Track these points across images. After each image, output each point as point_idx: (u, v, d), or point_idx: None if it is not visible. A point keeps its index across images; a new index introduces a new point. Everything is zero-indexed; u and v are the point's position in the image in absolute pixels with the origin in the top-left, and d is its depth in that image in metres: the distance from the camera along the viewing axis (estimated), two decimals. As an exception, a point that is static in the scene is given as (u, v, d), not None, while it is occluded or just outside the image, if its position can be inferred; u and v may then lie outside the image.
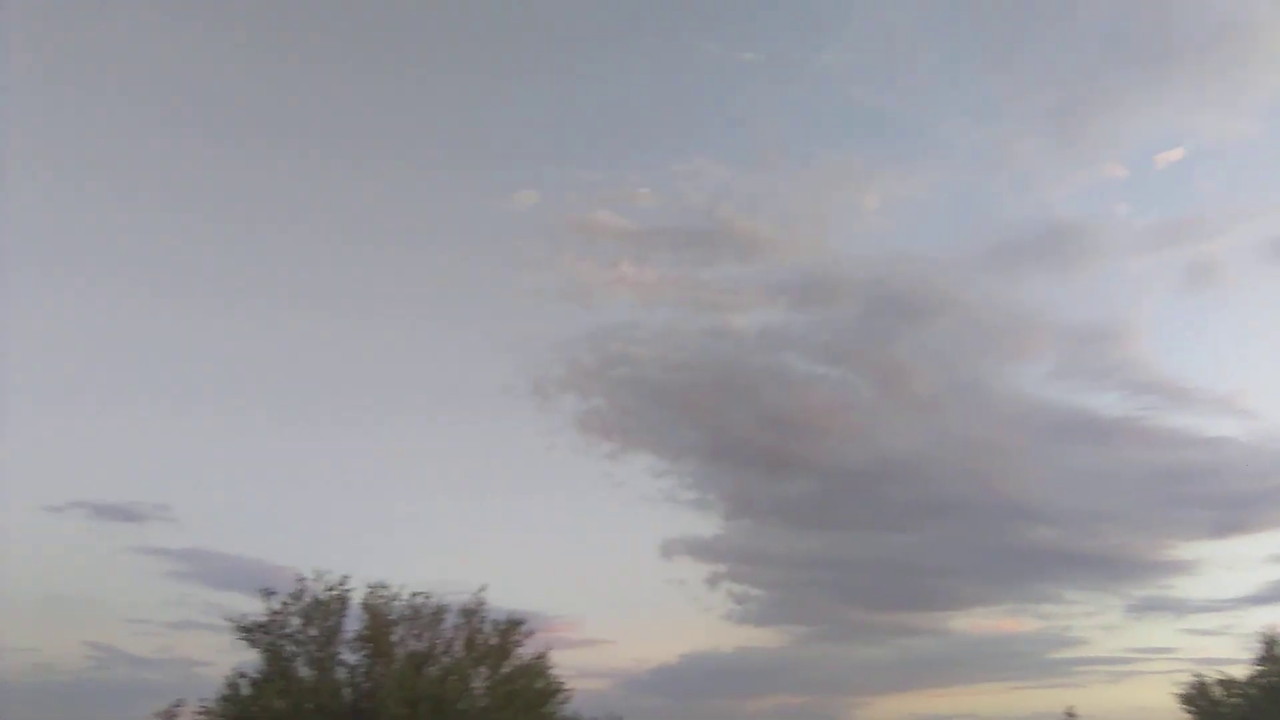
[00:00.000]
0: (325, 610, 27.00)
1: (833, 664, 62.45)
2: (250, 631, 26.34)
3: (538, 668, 28.65)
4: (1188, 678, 38.53)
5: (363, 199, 79.48)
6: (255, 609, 26.63)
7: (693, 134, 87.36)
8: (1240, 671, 37.41)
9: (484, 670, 28.04)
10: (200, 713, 26.12)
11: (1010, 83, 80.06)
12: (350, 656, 27.08)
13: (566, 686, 29.24)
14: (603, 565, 65.88)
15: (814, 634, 65.98)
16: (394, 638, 27.41)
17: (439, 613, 28.24)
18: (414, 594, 28.11)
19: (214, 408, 71.75)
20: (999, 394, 69.74)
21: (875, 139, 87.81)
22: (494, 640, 28.36)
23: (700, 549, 63.96)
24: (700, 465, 69.50)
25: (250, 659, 26.36)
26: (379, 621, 27.08)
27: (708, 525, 72.86)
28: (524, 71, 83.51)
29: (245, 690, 25.72)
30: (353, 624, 27.21)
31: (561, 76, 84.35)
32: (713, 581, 62.40)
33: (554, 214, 77.05)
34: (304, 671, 26.29)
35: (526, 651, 28.70)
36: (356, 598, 27.41)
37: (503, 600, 29.63)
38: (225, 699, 25.88)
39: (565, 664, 29.77)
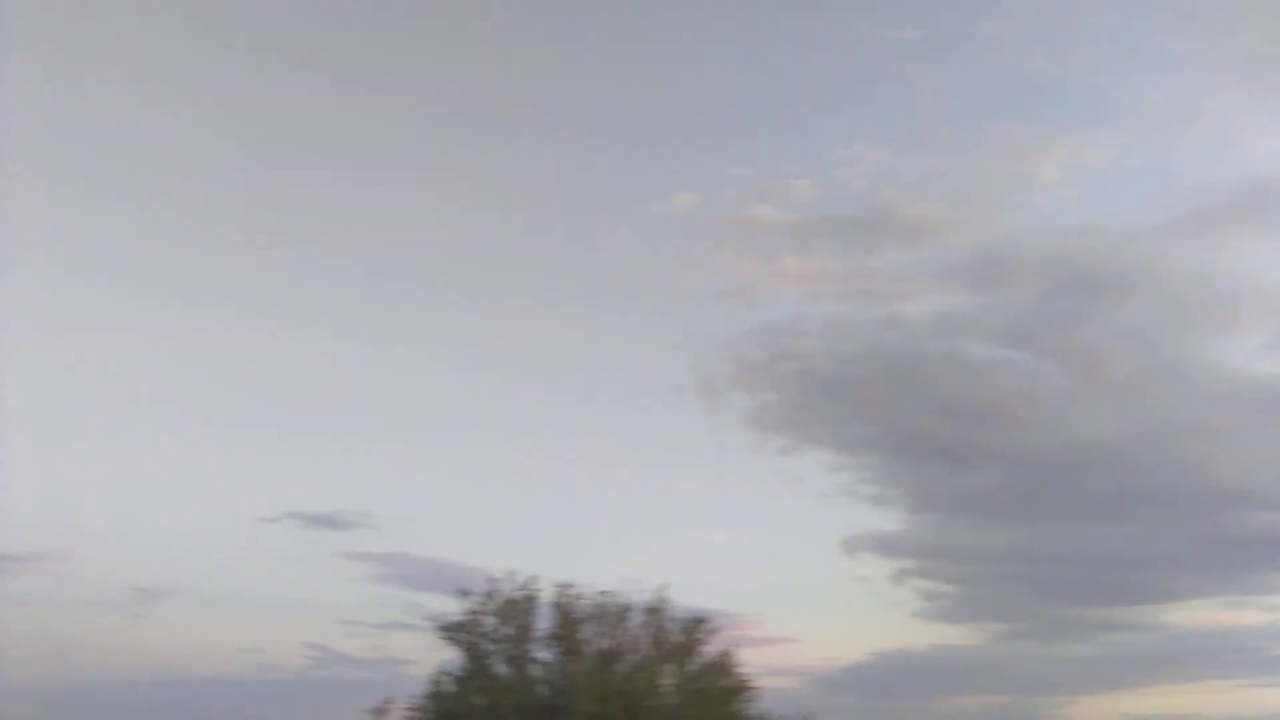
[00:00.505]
0: (517, 609, 28.09)
1: (1035, 662, 59.23)
2: (450, 631, 27.73)
3: (723, 665, 28.75)
4: None
5: (529, 204, 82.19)
6: (453, 609, 28.06)
7: (850, 118, 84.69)
8: None
9: (671, 667, 28.41)
10: (409, 709, 27.76)
11: (1193, 33, 73.63)
12: (543, 654, 28.07)
13: (753, 684, 29.21)
14: (782, 563, 65.07)
15: (1013, 631, 62.82)
16: (583, 635, 28.19)
17: (624, 611, 28.84)
18: (599, 593, 28.87)
19: (406, 420, 76.11)
20: (1205, 371, 64.11)
21: (1048, 107, 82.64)
22: (679, 638, 28.70)
23: (884, 545, 62.20)
24: (879, 459, 67.50)
25: (451, 657, 27.81)
26: (568, 620, 27.92)
27: (890, 520, 70.60)
28: (675, 70, 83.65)
29: (448, 687, 27.07)
30: (543, 622, 28.21)
31: (711, 71, 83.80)
32: (899, 578, 60.57)
33: (713, 213, 76.83)
34: (501, 669, 27.43)
35: (711, 649, 28.93)
36: (545, 597, 28.41)
37: (684, 598, 29.98)
38: (430, 696, 27.34)
39: (750, 662, 29.77)
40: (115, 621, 58.02)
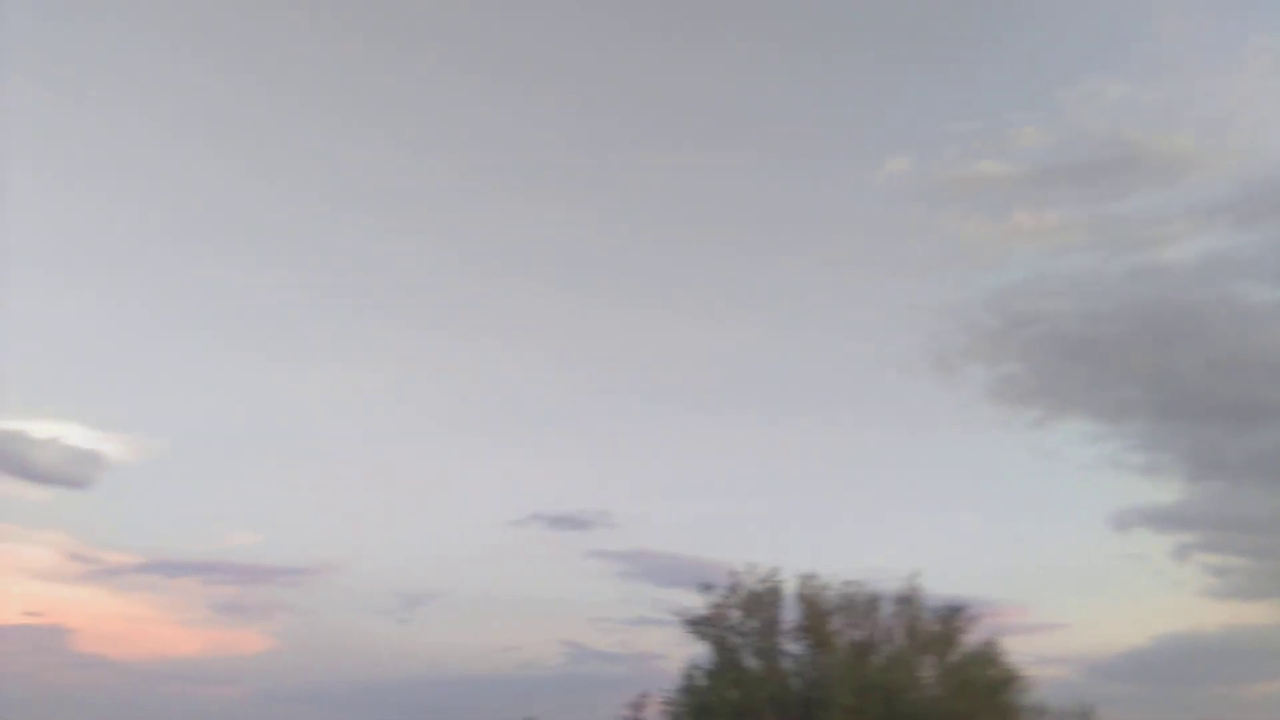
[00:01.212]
0: (761, 602, 27.58)
1: (1348, 641, 51.90)
2: (696, 625, 27.63)
3: (988, 655, 26.91)
4: None
5: (735, 189, 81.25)
6: (697, 603, 27.91)
7: (1078, 53, 77.54)
8: None
9: (929, 659, 26.96)
10: (663, 703, 27.94)
11: None
12: (792, 647, 27.41)
13: (1023, 674, 27.15)
14: (1042, 543, 60.53)
15: (1320, 606, 55.47)
16: (832, 627, 27.29)
17: (874, 601, 27.67)
18: (845, 583, 27.85)
19: (639, 419, 77.85)
20: None
21: (1314, 13, 72.44)
22: (935, 628, 27.18)
23: (1160, 518, 56.49)
24: (1146, 424, 61.33)
25: (700, 651, 27.71)
26: (816, 611, 27.11)
27: (1165, 491, 63.89)
28: (876, 28, 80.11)
29: (700, 682, 26.98)
30: (789, 614, 27.54)
31: (914, 25, 79.59)
32: (1180, 554, 54.96)
33: (929, 175, 72.90)
34: (751, 662, 27.02)
35: (972, 639, 27.18)
36: (789, 588, 27.73)
37: (937, 587, 28.36)
38: (683, 690, 27.38)
39: (1017, 651, 27.69)
40: (385, 626, 62.96)
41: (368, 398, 74.98)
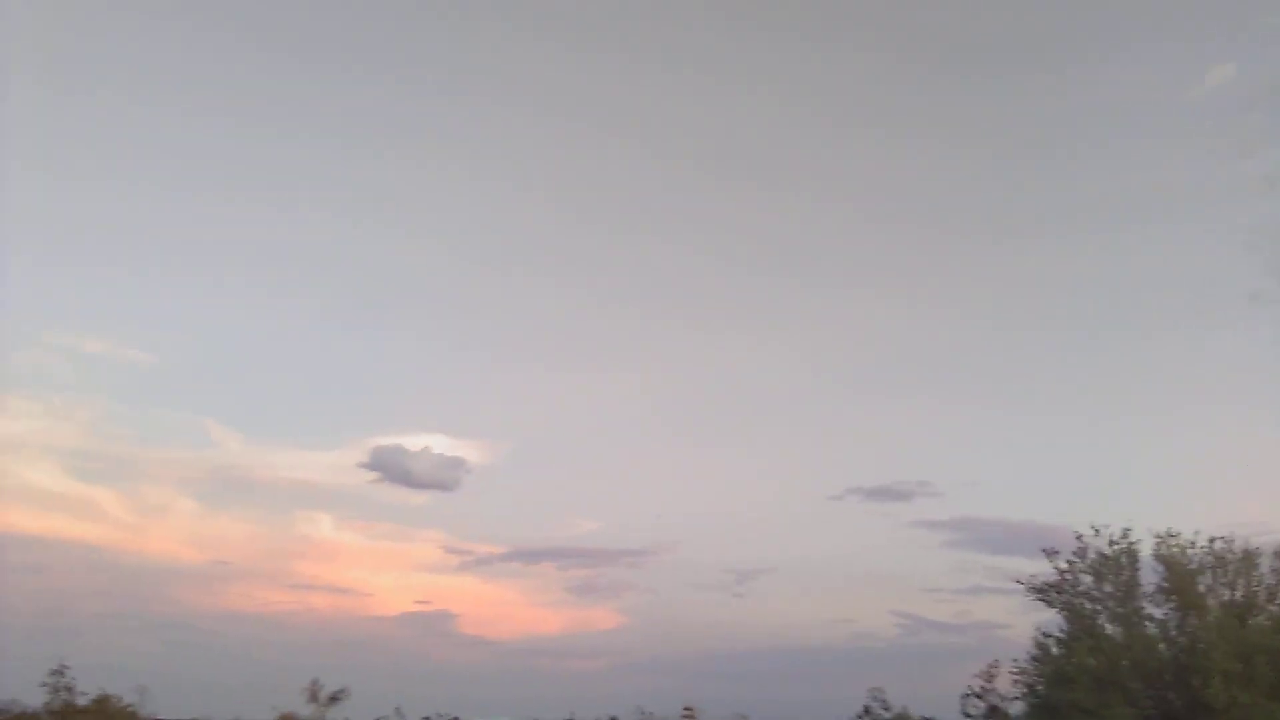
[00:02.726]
0: (1114, 565, 26.00)
1: None
2: (1043, 592, 26.60)
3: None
4: None
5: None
6: (1037, 570, 26.86)
7: None
8: None
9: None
10: (1016, 673, 27.23)
11: None
12: (1155, 610, 25.63)
13: None
14: None
15: None
16: (1201, 588, 25.20)
17: (1249, 558, 25.20)
18: (1210, 540, 25.57)
19: (952, 388, 75.50)
20: None
21: None
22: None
23: None
24: None
25: (1047, 619, 26.66)
26: (1179, 572, 25.14)
27: None
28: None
29: (1054, 650, 25.98)
30: (1149, 577, 25.77)
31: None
32: None
33: (1260, 83, 64.13)
34: (1110, 628, 25.60)
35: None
36: (1145, 550, 25.91)
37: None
38: (1036, 659, 26.49)
39: None
40: (720, 601, 65.87)
41: (679, 391, 78.92)
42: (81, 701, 29.95)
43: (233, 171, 78.31)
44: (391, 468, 68.26)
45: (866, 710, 33.07)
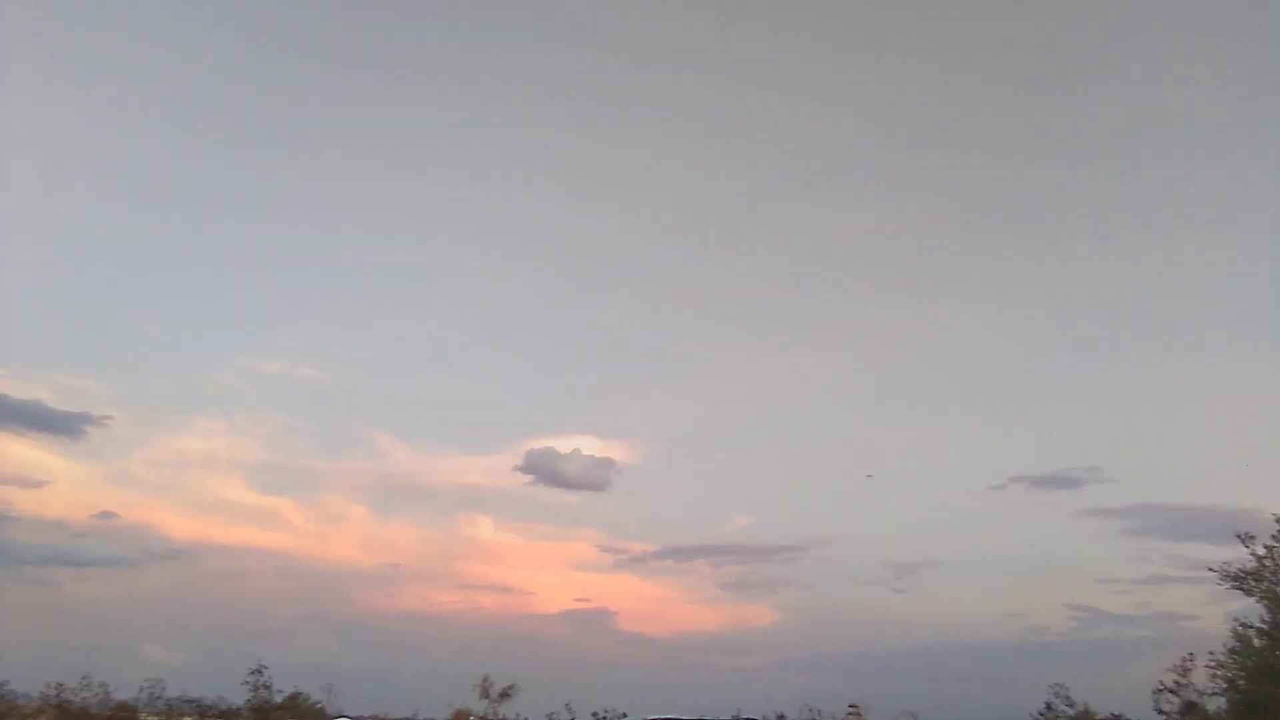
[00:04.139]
0: (1322, 550, 23.92)
1: None
2: (1240, 580, 24.72)
3: None
4: None
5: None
6: (1230, 556, 24.98)
7: None
8: None
9: None
10: (1213, 667, 25.41)
11: None
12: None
13: None
14: None
15: None
16: None
17: None
18: None
19: (1115, 371, 71.45)
20: None
21: None
22: None
23: None
24: None
25: (1243, 608, 24.76)
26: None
27: None
28: None
29: (1256, 642, 24.10)
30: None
31: None
32: None
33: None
34: (1319, 619, 23.57)
35: None
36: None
37: None
38: (1235, 652, 24.66)
39: None
40: (879, 596, 64.16)
41: (828, 384, 77.72)
42: (277, 699, 31.95)
43: (384, 209, 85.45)
44: (544, 470, 70.21)
45: (1048, 707, 31.40)
